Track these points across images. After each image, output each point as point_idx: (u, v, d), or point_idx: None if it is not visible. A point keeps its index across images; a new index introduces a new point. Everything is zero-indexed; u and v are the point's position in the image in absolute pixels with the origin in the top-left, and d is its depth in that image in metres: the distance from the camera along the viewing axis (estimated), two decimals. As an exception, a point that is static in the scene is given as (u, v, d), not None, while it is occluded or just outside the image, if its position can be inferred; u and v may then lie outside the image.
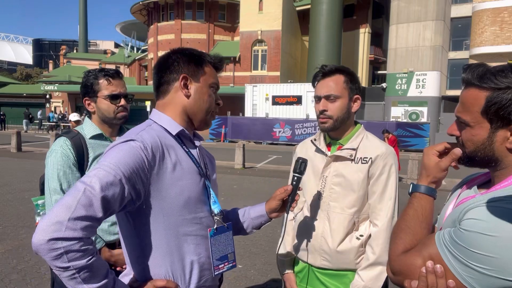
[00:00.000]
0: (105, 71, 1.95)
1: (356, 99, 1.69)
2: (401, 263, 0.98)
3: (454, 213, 0.96)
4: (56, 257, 0.95)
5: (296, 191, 1.47)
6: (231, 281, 3.96)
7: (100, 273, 1.03)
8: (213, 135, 24.65)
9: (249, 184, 9.74)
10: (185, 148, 1.27)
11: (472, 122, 0.95)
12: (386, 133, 11.27)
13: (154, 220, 1.18)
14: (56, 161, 1.83)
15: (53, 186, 1.81)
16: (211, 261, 1.29)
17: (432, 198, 1.07)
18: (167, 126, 1.26)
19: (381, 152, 1.64)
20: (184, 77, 1.28)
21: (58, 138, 1.93)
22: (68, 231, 0.95)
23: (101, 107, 1.94)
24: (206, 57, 1.33)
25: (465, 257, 0.84)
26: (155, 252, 1.20)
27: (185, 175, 1.21)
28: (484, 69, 0.94)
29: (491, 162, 0.96)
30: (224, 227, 1.34)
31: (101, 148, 1.94)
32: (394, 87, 27.10)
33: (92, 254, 1.01)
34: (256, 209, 1.51)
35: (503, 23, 24.63)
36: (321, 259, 1.68)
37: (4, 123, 31.98)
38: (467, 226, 0.86)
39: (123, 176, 1.06)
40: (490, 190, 0.95)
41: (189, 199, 1.21)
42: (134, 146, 1.12)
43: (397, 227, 1.06)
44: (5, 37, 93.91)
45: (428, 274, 0.90)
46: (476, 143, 0.96)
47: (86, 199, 0.99)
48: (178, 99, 1.29)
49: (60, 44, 73.85)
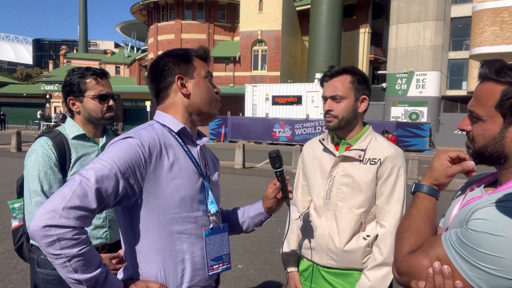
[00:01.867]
0: (92, 70, 1.90)
1: (363, 99, 1.70)
2: (407, 264, 0.97)
3: (460, 213, 0.96)
4: (49, 244, 0.99)
5: (286, 183, 1.44)
6: (231, 281, 3.96)
7: (92, 264, 1.06)
8: (213, 135, 24.65)
9: (249, 184, 9.74)
10: (185, 148, 1.28)
11: (485, 116, 0.94)
12: (386, 133, 11.31)
13: (148, 217, 1.20)
14: (37, 162, 1.76)
15: (33, 188, 1.74)
16: (205, 261, 1.30)
17: (435, 198, 1.06)
18: (169, 124, 1.29)
19: (390, 153, 1.65)
20: (179, 77, 1.30)
21: (39, 138, 1.86)
22: (61, 219, 0.99)
23: (88, 107, 1.88)
24: (192, 52, 1.36)
25: (472, 258, 0.84)
26: (148, 248, 1.21)
27: (182, 174, 1.23)
28: (502, 64, 0.94)
29: (500, 159, 0.95)
30: (220, 228, 1.35)
31: (84, 149, 1.90)
32: (394, 87, 27.12)
33: (85, 244, 1.04)
34: (254, 208, 1.53)
35: (503, 23, 24.63)
36: (327, 258, 1.69)
37: (4, 123, 32.00)
38: (474, 226, 0.85)
39: (119, 170, 1.10)
40: (498, 190, 0.94)
41: (184, 197, 1.23)
42: (131, 143, 1.16)
43: (401, 227, 1.06)
44: (5, 37, 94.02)
45: (436, 275, 0.89)
46: (487, 138, 0.95)
47: (81, 190, 1.04)
48: (179, 100, 1.32)
49: (60, 44, 73.89)
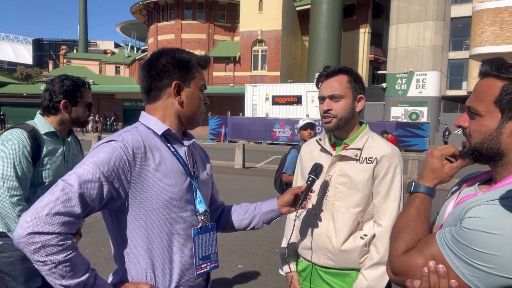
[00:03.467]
0: (84, 82, 2.17)
1: (360, 98, 1.70)
2: (402, 263, 0.97)
3: (455, 211, 0.95)
4: (34, 251, 0.99)
5: (309, 190, 1.54)
6: (231, 281, 3.96)
7: (80, 269, 1.06)
8: (213, 135, 24.65)
9: (249, 184, 9.74)
10: (171, 148, 1.28)
11: (484, 111, 0.94)
12: (386, 133, 11.30)
13: (136, 219, 1.20)
14: (13, 149, 1.87)
15: (6, 173, 1.83)
16: (194, 260, 1.30)
17: (432, 198, 1.07)
18: (153, 126, 1.28)
19: (386, 152, 1.65)
20: (177, 83, 1.28)
21: (13, 129, 1.98)
22: (45, 226, 0.99)
23: (79, 112, 2.13)
24: (194, 59, 1.32)
25: (467, 256, 0.84)
26: (137, 250, 1.22)
27: (168, 175, 1.23)
28: (502, 61, 0.95)
29: (496, 156, 0.95)
30: (208, 227, 1.35)
31: (52, 145, 2.07)
32: (394, 87, 27.13)
33: (71, 250, 1.04)
34: (268, 204, 1.55)
35: (503, 23, 24.64)
36: (325, 258, 1.69)
37: (4, 123, 31.99)
38: (469, 224, 0.85)
39: (102, 174, 1.10)
40: (492, 188, 0.94)
41: (172, 198, 1.23)
42: (114, 146, 1.15)
43: (398, 227, 1.05)
44: (5, 37, 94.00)
45: (431, 274, 0.89)
46: (483, 134, 0.95)
47: (64, 196, 1.03)
48: (170, 105, 1.30)
49: (60, 44, 73.89)
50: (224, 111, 25.05)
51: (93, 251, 4.68)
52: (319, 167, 1.59)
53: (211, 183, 1.51)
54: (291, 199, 1.52)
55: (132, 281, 1.23)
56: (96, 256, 4.48)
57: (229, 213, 1.59)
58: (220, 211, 1.60)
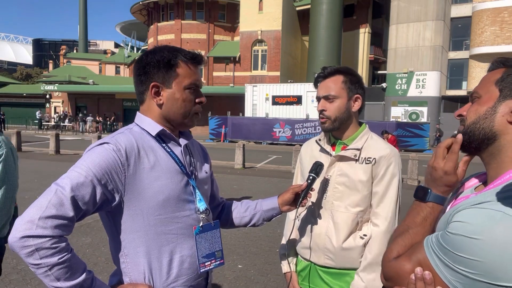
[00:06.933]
0: None
1: (356, 98, 1.70)
2: (391, 269, 0.95)
3: (446, 215, 0.92)
4: (28, 254, 1.00)
5: (310, 189, 1.55)
6: (231, 281, 3.96)
7: (76, 271, 1.06)
8: (213, 135, 24.64)
9: (249, 184, 9.74)
10: (166, 148, 1.28)
11: (483, 92, 0.95)
12: (386, 133, 11.27)
13: (133, 220, 1.20)
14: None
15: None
16: (197, 259, 1.30)
17: (442, 207, 1.01)
18: (147, 127, 1.27)
19: (385, 153, 1.65)
20: (154, 85, 1.26)
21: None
22: (38, 229, 1.00)
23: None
24: (179, 57, 1.27)
25: (451, 261, 0.81)
26: (135, 250, 1.22)
27: (164, 175, 1.22)
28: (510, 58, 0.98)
29: (489, 139, 0.92)
30: (211, 225, 1.35)
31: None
32: (394, 87, 27.12)
33: (66, 252, 1.05)
34: (268, 202, 1.56)
35: (503, 23, 24.63)
36: (325, 257, 1.69)
37: (4, 123, 31.98)
38: (453, 229, 0.82)
39: (95, 177, 1.10)
40: (483, 190, 0.92)
41: (168, 198, 1.22)
42: (107, 148, 1.15)
43: (397, 232, 1.03)
44: (5, 37, 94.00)
45: (417, 280, 0.87)
46: (478, 113, 0.94)
47: (57, 199, 1.05)
48: (153, 107, 1.29)
49: (60, 44, 73.81)
50: (224, 111, 25.03)
51: (93, 251, 4.67)
52: (319, 166, 1.60)
53: (210, 181, 1.51)
54: (291, 198, 1.53)
55: (130, 282, 1.22)
56: (96, 256, 4.48)
57: (229, 210, 1.59)
58: (220, 208, 1.61)
